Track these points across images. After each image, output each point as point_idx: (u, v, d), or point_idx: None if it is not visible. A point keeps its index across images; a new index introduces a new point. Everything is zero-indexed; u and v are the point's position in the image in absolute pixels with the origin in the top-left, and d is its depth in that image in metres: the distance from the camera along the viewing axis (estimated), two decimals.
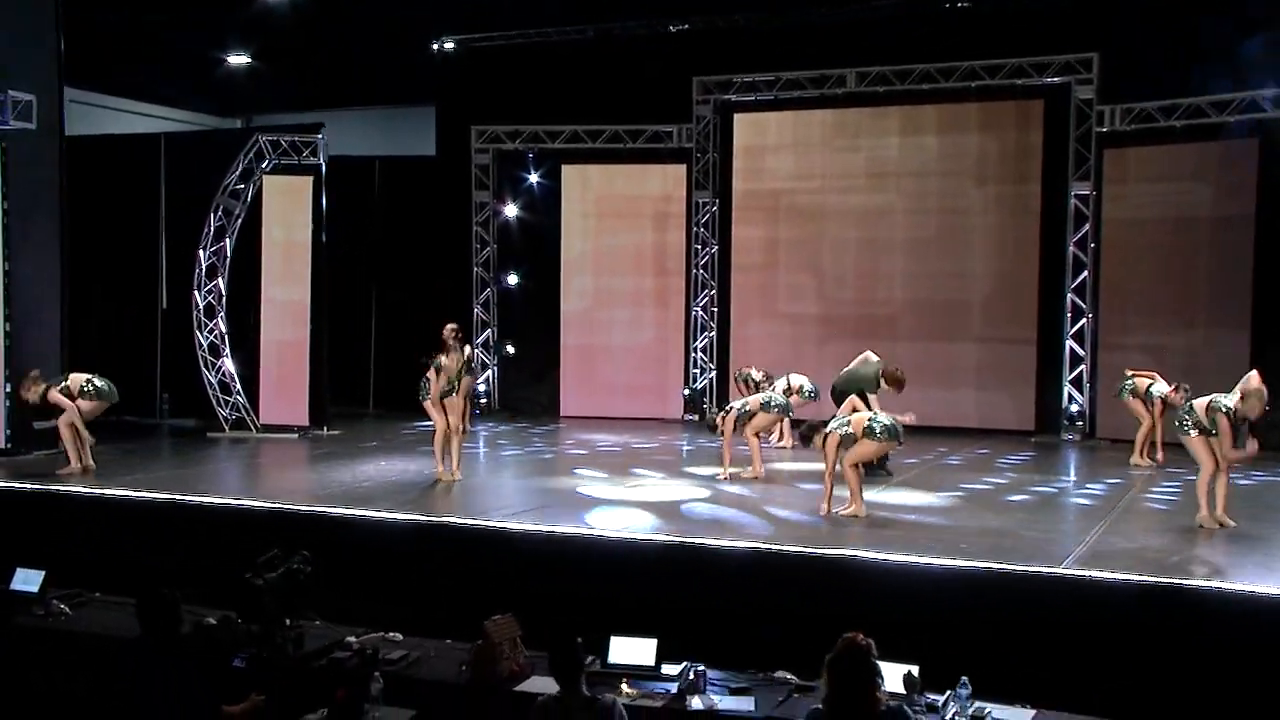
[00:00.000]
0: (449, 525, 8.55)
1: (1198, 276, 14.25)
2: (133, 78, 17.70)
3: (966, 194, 15.58)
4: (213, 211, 14.44)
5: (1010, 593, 6.84)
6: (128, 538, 8.95)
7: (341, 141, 18.22)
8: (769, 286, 16.48)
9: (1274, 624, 6.40)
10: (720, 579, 7.32)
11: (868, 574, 7.11)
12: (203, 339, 14.53)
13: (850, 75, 15.82)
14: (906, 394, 11.51)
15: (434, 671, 6.20)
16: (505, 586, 7.44)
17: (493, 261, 17.60)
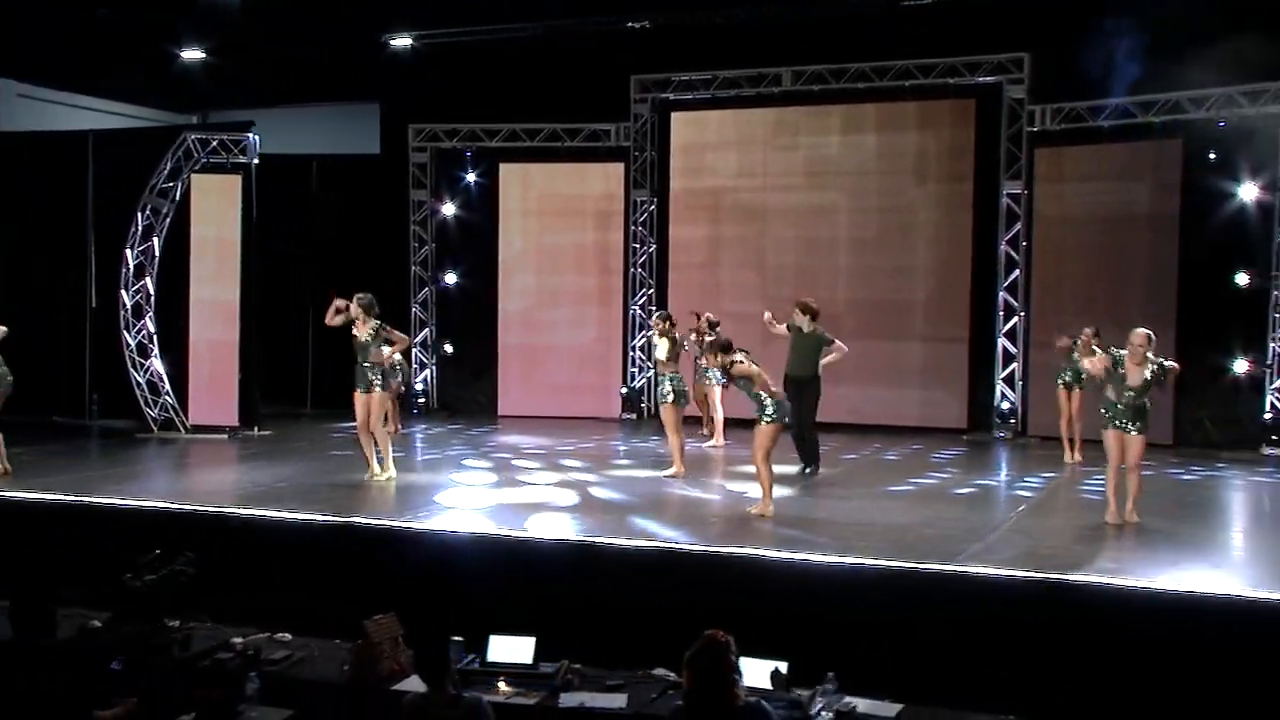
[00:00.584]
0: (347, 525, 8.60)
1: (1127, 275, 14.46)
2: (84, 72, 17.60)
3: (904, 193, 15.75)
4: (140, 210, 14.41)
5: (890, 589, 6.96)
6: (13, 540, 8.90)
7: (291, 139, 18.36)
8: (708, 285, 16.57)
9: (1149, 619, 6.55)
10: (604, 577, 7.41)
11: (748, 571, 7.22)
12: (130, 339, 14.50)
13: (786, 74, 15.97)
14: (847, 391, 11.69)
15: (316, 671, 6.26)
16: (394, 586, 7.49)
17: (430, 260, 17.64)
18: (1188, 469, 12.38)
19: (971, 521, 9.00)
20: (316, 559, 8.21)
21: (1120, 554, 7.81)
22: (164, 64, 17.29)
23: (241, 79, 18.49)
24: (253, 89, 18.95)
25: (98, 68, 17.28)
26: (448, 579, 7.51)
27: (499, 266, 17.36)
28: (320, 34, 16.69)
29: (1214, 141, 13.77)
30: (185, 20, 16.19)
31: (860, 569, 7.21)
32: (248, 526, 8.61)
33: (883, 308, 15.74)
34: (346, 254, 17.52)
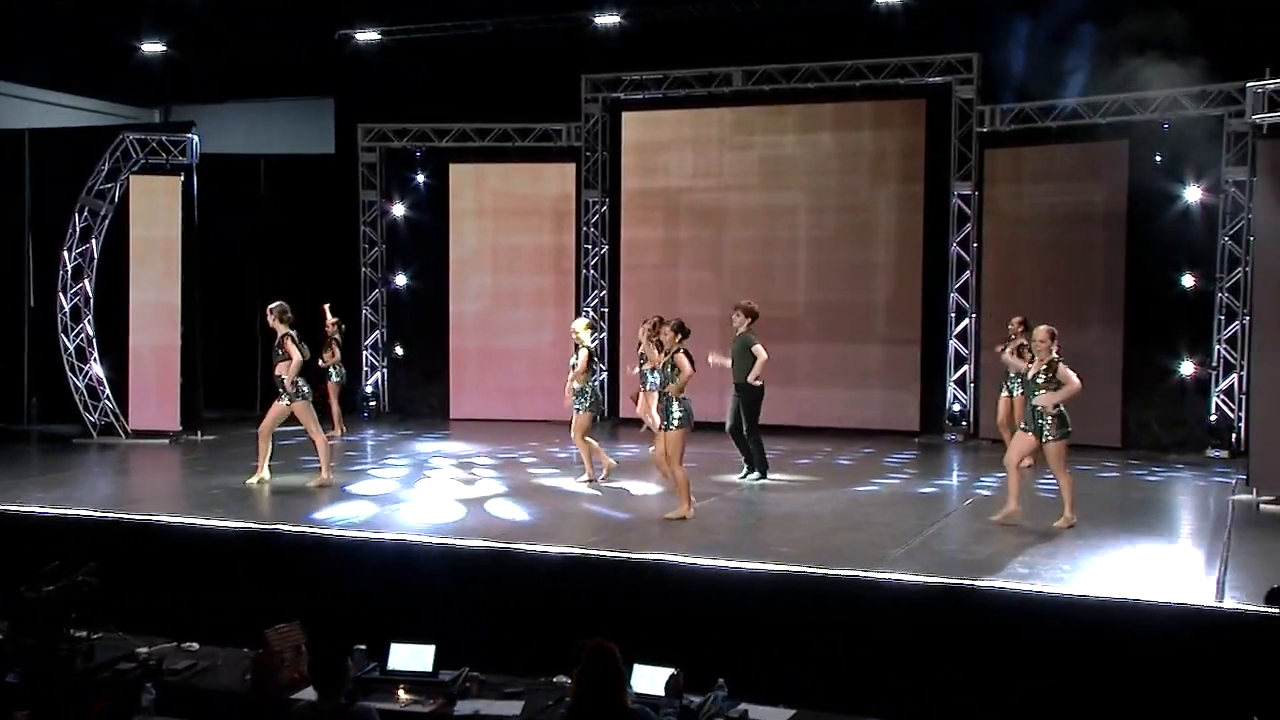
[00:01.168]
0: (258, 531, 8.70)
1: (1077, 275, 14.62)
2: (35, 63, 17.64)
3: (857, 194, 15.91)
4: (77, 212, 14.44)
5: (788, 596, 7.09)
6: None
7: (247, 137, 18.50)
8: (661, 286, 16.67)
9: (1046, 623, 6.71)
10: (509, 584, 7.52)
11: (649, 578, 7.34)
12: (69, 343, 14.52)
13: (737, 74, 16.09)
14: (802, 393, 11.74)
15: (218, 681, 6.35)
16: (305, 593, 7.57)
17: (381, 262, 17.72)
18: (1125, 472, 12.54)
19: (901, 526, 9.13)
20: (230, 566, 8.27)
21: (1035, 559, 7.94)
22: (120, 57, 17.59)
23: (198, 73, 18.76)
24: (210, 84, 19.20)
25: (49, 59, 17.39)
26: (354, 587, 7.59)
27: (450, 268, 17.44)
28: (278, 29, 16.82)
29: (1159, 143, 13.97)
30: (143, 12, 16.38)
31: (758, 575, 7.32)
32: (161, 533, 8.66)
33: (837, 309, 15.90)
34: (296, 255, 17.61)
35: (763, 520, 9.55)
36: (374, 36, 17.03)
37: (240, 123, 20.56)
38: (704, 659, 6.20)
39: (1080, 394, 9.03)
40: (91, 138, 14.75)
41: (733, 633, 6.80)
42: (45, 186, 15.38)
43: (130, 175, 14.51)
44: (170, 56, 17.68)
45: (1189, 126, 13.69)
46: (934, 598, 6.87)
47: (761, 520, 9.56)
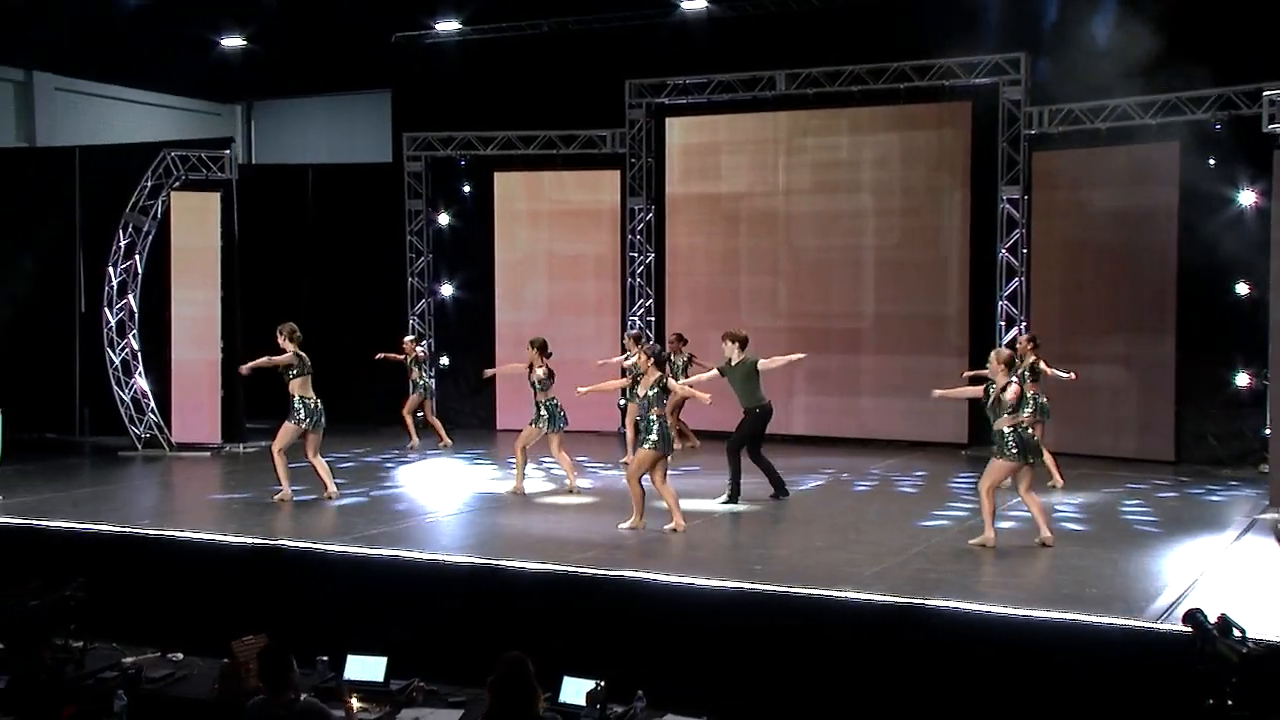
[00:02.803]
0: (227, 544, 9.62)
1: (1126, 282, 14.88)
2: (121, 64, 19.39)
3: (901, 198, 16.36)
4: (121, 228, 15.58)
5: (725, 611, 7.71)
6: None
7: (310, 139, 19.86)
8: (711, 294, 17.28)
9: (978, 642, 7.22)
10: (461, 598, 8.28)
11: (613, 595, 8.04)
12: (115, 357, 15.67)
13: (781, 77, 16.62)
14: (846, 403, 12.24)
15: (191, 689, 7.20)
16: (275, 604, 8.40)
17: (428, 271, 18.61)
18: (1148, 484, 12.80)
19: (889, 545, 9.65)
20: (225, 580, 9.15)
21: (1005, 578, 8.42)
22: (201, 53, 19.20)
23: (272, 71, 20.55)
24: (281, 81, 21.12)
25: (135, 59, 19.00)
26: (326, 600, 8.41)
27: (496, 277, 18.26)
28: (356, 27, 18.03)
29: (1212, 144, 14.15)
30: (223, 9, 17.80)
31: (698, 590, 7.98)
32: (160, 547, 9.61)
33: (882, 319, 16.34)
34: (342, 264, 18.63)
35: (753, 538, 10.16)
36: (434, 37, 18.09)
37: (308, 123, 22.20)
38: (648, 673, 6.84)
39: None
40: (136, 154, 15.86)
41: (674, 648, 7.43)
42: (94, 201, 16.57)
43: (172, 191, 15.57)
44: (247, 53, 19.41)
45: (1242, 126, 13.83)
46: (878, 616, 7.41)
47: (751, 538, 10.17)
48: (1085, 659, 7.01)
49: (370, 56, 19.06)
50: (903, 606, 7.48)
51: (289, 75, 21.22)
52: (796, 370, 16.64)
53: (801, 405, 16.73)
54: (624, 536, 9.95)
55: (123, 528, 10.17)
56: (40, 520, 10.56)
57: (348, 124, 22.04)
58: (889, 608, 7.50)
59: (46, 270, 16.73)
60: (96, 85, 20.05)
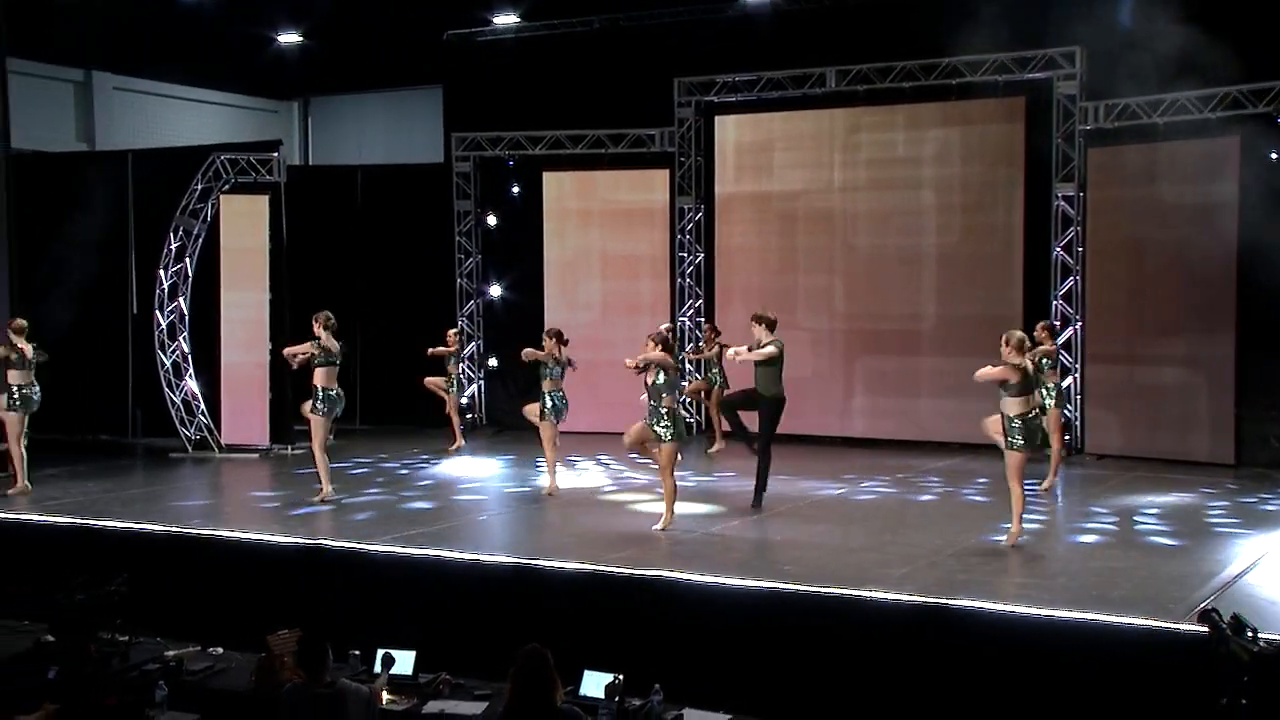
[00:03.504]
0: (267, 543, 10.19)
1: (1184, 279, 14.97)
2: (178, 62, 20.27)
3: (954, 196, 16.57)
4: (171, 231, 16.22)
5: (744, 609, 8.09)
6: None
7: (366, 138, 20.85)
8: (764, 293, 17.49)
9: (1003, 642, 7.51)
10: (483, 595, 8.74)
11: (622, 590, 8.49)
12: (165, 359, 16.32)
13: (831, 74, 16.91)
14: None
15: (229, 682, 7.71)
16: (311, 601, 8.90)
17: (477, 272, 19.11)
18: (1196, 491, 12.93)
19: (925, 546, 9.94)
20: (262, 577, 9.68)
21: (1034, 579, 8.70)
22: (258, 50, 20.35)
23: (329, 69, 21.66)
24: (338, 78, 22.15)
25: (192, 58, 19.96)
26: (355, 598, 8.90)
27: (545, 277, 18.71)
28: (417, 20, 18.88)
29: (1273, 138, 14.24)
30: (280, 5, 18.62)
31: (741, 591, 8.34)
32: (203, 546, 10.15)
33: (939, 319, 16.55)
34: (392, 265, 19.20)
35: (788, 539, 10.48)
36: (486, 34, 18.70)
37: (364, 119, 23.00)
38: (668, 670, 7.22)
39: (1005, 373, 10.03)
40: (186, 157, 16.52)
41: (696, 646, 7.81)
42: (146, 204, 17.26)
43: (221, 194, 16.19)
44: (303, 49, 20.51)
45: None
46: (902, 616, 7.74)
47: (787, 539, 10.49)
48: (1102, 658, 7.27)
49: (424, 52, 19.70)
50: (922, 606, 7.78)
51: (345, 71, 22.16)
52: (855, 371, 17.02)
53: (860, 407, 16.98)
54: (657, 536, 10.32)
55: (168, 527, 10.74)
56: (90, 520, 11.15)
57: (404, 120, 22.76)
58: (910, 607, 7.80)
59: (100, 273, 17.40)
60: (154, 84, 20.88)
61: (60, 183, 17.44)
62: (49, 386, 13.31)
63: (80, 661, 7.51)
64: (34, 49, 18.08)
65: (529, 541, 10.37)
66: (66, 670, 7.49)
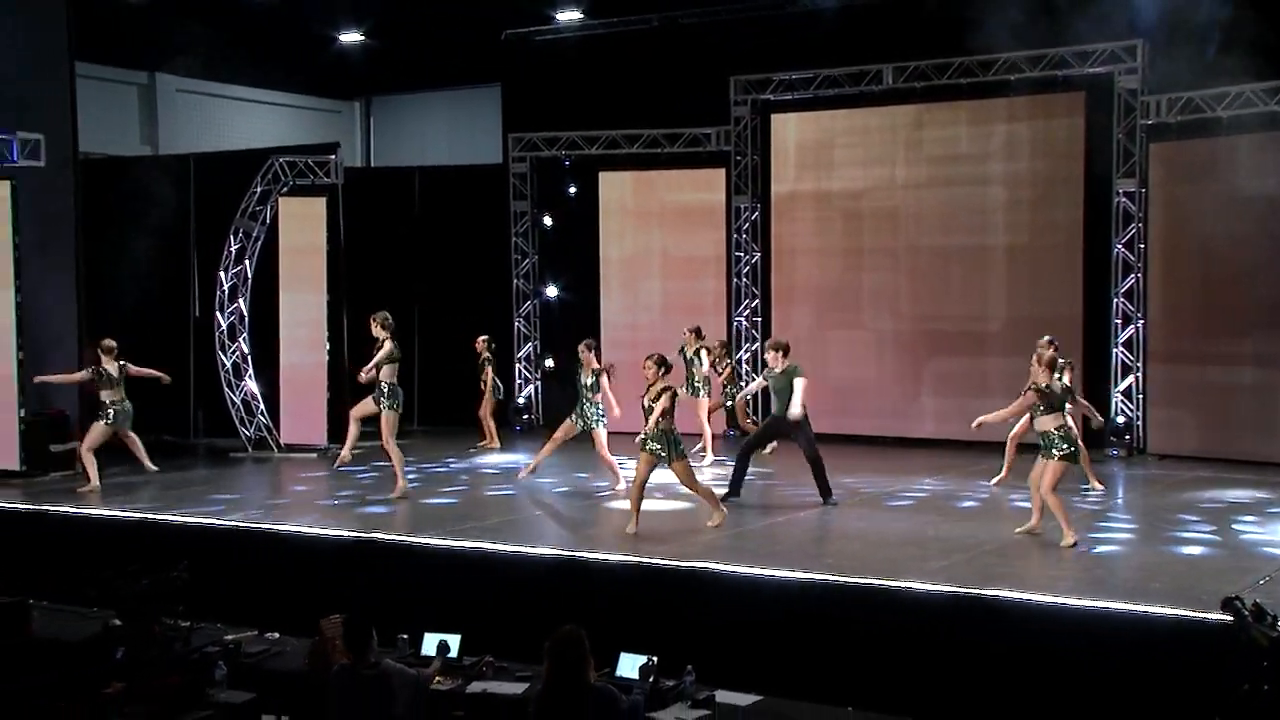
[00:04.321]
0: (321, 537, 10.93)
1: (1252, 277, 15.18)
2: (241, 64, 21.24)
3: (1017, 193, 16.89)
4: (232, 234, 16.99)
5: (777, 598, 8.60)
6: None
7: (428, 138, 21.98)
8: (821, 293, 18.02)
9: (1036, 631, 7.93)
10: (527, 583, 9.31)
11: (662, 581, 9.04)
12: (226, 360, 17.08)
13: (888, 71, 17.31)
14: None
15: (284, 664, 8.34)
16: (363, 591, 9.51)
17: (534, 273, 19.71)
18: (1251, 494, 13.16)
19: (965, 539, 10.39)
20: (317, 568, 10.34)
21: (1061, 572, 9.13)
22: (320, 50, 21.25)
23: (389, 69, 22.58)
24: (398, 78, 23.02)
25: (253, 58, 20.89)
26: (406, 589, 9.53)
27: (601, 277, 19.27)
28: (477, 19, 19.60)
29: None
30: (341, 4, 19.43)
31: (754, 579, 8.91)
32: (262, 539, 10.87)
33: (1003, 318, 16.86)
34: (449, 266, 19.86)
35: (834, 534, 10.98)
36: (543, 34, 19.42)
37: (426, 119, 23.84)
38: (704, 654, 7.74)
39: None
40: (246, 161, 17.29)
41: (731, 633, 8.32)
42: (207, 208, 18.05)
43: (280, 196, 16.92)
44: (365, 49, 21.37)
45: None
46: (933, 605, 8.19)
47: (833, 534, 10.98)
48: (1130, 647, 7.67)
49: (483, 51, 20.37)
50: (952, 596, 8.24)
51: (406, 71, 22.96)
52: (924, 371, 17.36)
53: (926, 408, 17.34)
54: (705, 531, 10.83)
55: (227, 521, 11.48)
56: (153, 514, 11.91)
57: (466, 118, 23.48)
58: (941, 597, 8.26)
59: (163, 275, 18.23)
60: (217, 85, 21.77)
61: (125, 186, 18.22)
62: None
63: (145, 644, 8.14)
64: (100, 52, 18.91)
65: (578, 536, 10.91)
66: (132, 652, 8.14)
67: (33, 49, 15.21)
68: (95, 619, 9.11)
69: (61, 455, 14.94)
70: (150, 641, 8.18)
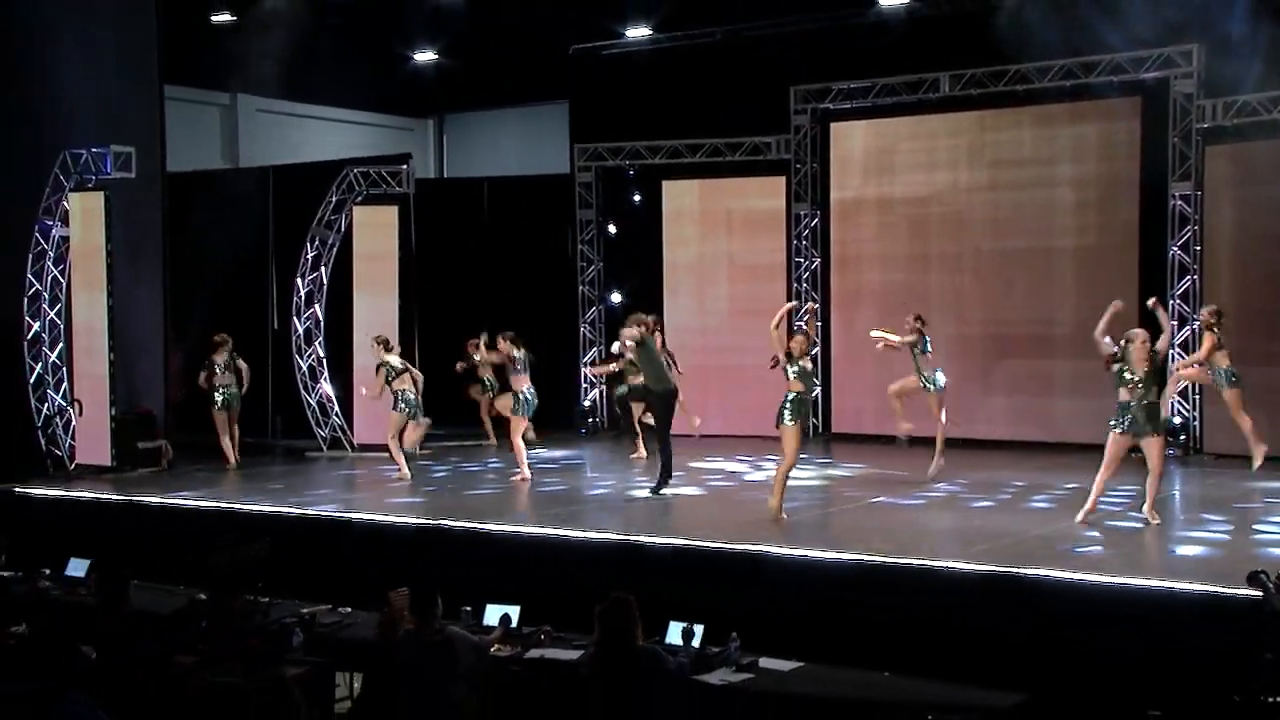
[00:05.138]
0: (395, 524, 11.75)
1: None
2: (317, 84, 22.03)
3: (1065, 199, 17.19)
4: (309, 241, 17.71)
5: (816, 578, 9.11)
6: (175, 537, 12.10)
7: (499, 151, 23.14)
8: (883, 299, 18.38)
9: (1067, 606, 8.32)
10: (585, 565, 9.90)
11: (713, 562, 9.57)
12: (302, 364, 17.79)
13: (945, 79, 17.68)
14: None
15: (355, 633, 8.93)
16: (431, 573, 10.09)
17: (599, 280, 20.25)
18: None
19: (998, 529, 10.82)
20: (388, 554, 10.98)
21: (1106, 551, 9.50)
22: (394, 69, 22.18)
23: (461, 86, 23.43)
24: (471, 94, 23.91)
25: (330, 78, 21.70)
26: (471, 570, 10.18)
27: (664, 284, 19.77)
28: (546, 37, 20.38)
29: None
30: (412, 24, 20.21)
31: (800, 560, 9.48)
32: (336, 526, 11.61)
33: (1048, 323, 17.13)
34: (518, 274, 20.48)
35: (880, 521, 11.47)
36: (610, 49, 20.03)
37: (497, 136, 24.63)
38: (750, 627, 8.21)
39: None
40: (322, 171, 18.03)
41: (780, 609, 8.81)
42: (285, 217, 18.82)
43: (354, 205, 17.63)
44: (439, 67, 22.25)
45: None
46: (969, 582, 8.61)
47: (879, 521, 11.46)
48: (1163, 623, 8.02)
49: (551, 68, 20.97)
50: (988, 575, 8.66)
51: (477, 88, 23.70)
52: (993, 372, 17.62)
53: (995, 409, 17.61)
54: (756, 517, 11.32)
55: (303, 510, 12.13)
56: (235, 504, 12.68)
57: (535, 134, 24.11)
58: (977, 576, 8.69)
59: (244, 283, 19.01)
60: (295, 105, 22.66)
61: (209, 198, 19.02)
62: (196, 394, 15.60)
63: (227, 615, 8.75)
64: (185, 74, 19.76)
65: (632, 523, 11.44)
66: (215, 622, 8.74)
67: (126, 68, 16.07)
68: (182, 595, 9.71)
69: (149, 451, 15.66)
70: (232, 613, 8.77)
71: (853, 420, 18.80)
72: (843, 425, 18.94)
